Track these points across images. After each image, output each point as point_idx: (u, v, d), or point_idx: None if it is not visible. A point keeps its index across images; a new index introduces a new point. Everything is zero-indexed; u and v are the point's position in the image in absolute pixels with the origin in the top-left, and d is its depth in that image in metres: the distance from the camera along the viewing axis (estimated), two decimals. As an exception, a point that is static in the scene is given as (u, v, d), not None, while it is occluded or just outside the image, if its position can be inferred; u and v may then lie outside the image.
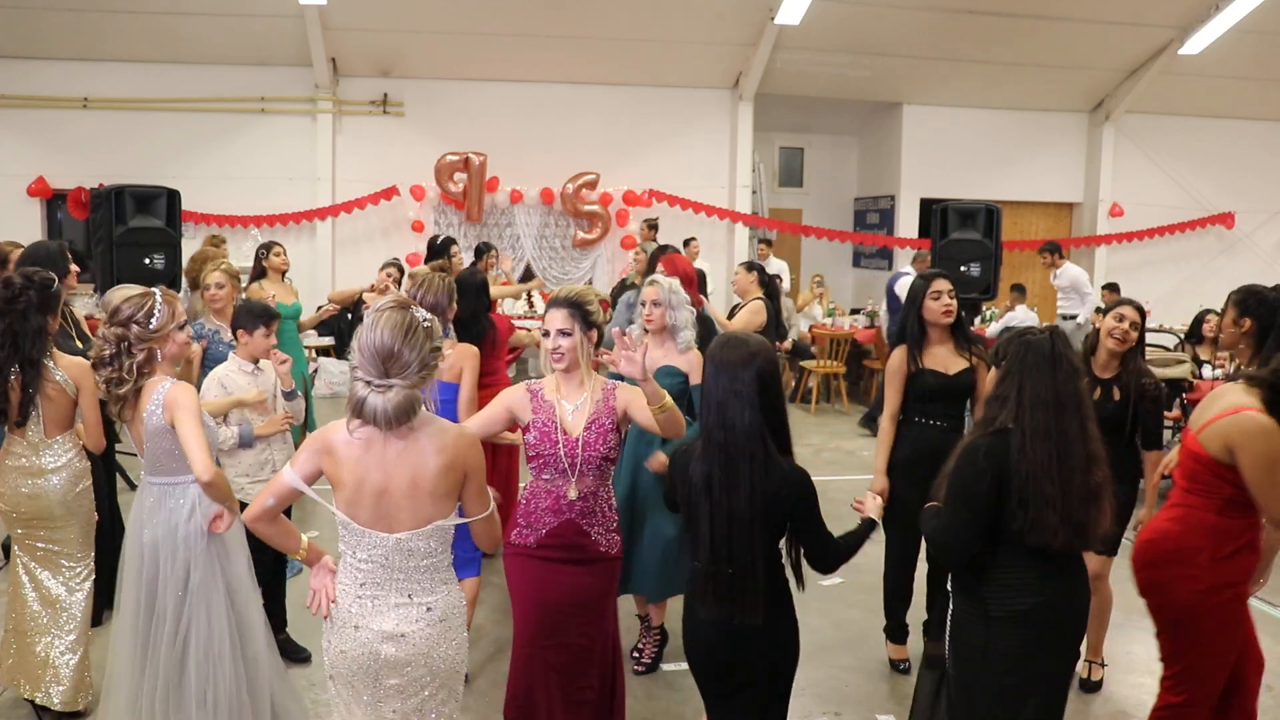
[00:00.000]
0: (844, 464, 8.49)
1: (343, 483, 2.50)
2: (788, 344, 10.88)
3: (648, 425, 3.19)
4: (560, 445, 3.15)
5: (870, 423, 9.61)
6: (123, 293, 3.26)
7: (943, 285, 4.33)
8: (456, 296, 4.51)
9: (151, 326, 3.18)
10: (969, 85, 13.27)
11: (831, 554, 2.82)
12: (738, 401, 2.67)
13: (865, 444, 9.18)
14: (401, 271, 7.26)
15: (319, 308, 10.71)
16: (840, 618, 4.96)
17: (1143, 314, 4.20)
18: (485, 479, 2.64)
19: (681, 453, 2.85)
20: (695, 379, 4.10)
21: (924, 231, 13.01)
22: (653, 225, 11.55)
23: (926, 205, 12.93)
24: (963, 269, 8.91)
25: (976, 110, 13.71)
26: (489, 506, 2.65)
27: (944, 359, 4.33)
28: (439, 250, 7.56)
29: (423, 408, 2.49)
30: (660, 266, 5.15)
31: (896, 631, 4.64)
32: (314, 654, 4.51)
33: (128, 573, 3.32)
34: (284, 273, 7.05)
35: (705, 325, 5.03)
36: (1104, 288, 11.63)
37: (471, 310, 5.06)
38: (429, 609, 2.55)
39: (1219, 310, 3.83)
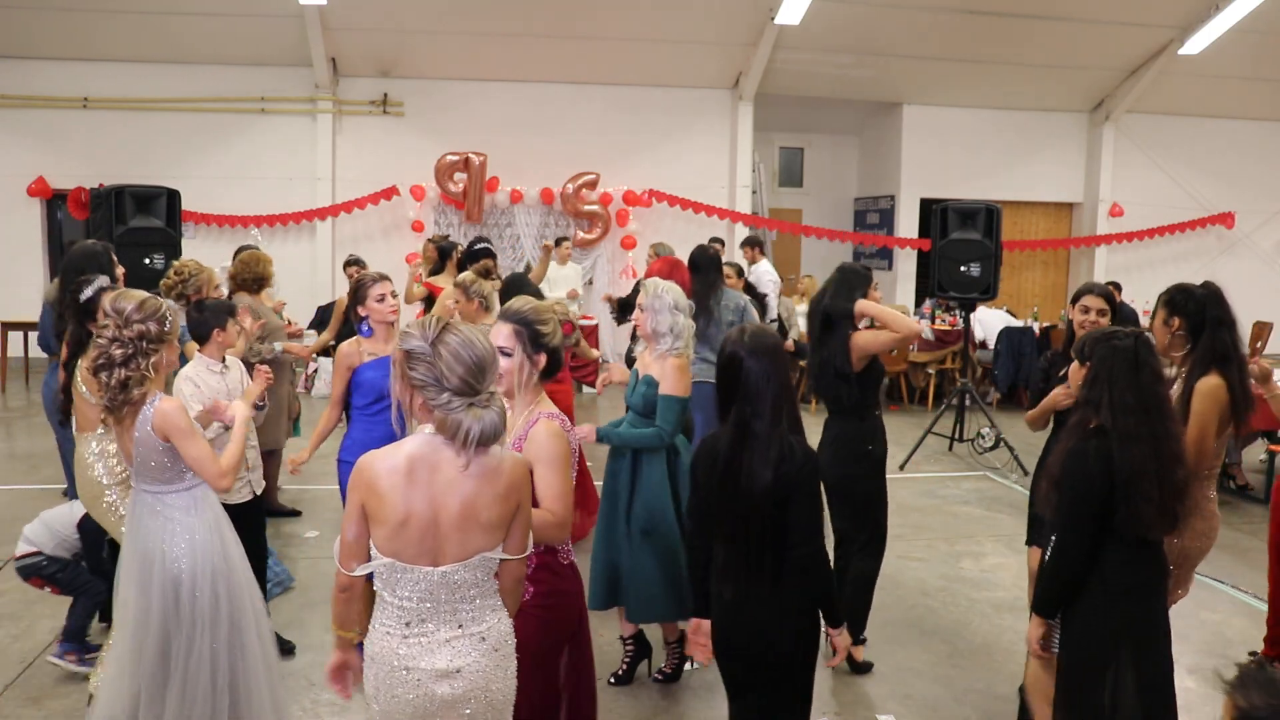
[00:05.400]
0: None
1: (384, 519, 2.27)
2: (789, 344, 10.87)
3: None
4: None
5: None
6: (133, 296, 3.22)
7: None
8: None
9: (166, 329, 3.19)
10: (969, 85, 13.27)
11: (811, 544, 2.78)
12: (756, 388, 2.77)
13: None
14: (362, 268, 7.30)
15: (318, 309, 10.74)
16: (841, 618, 4.95)
17: (1110, 300, 4.09)
18: (530, 515, 2.45)
19: (708, 442, 2.89)
20: (665, 387, 3.98)
21: (924, 231, 13.01)
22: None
23: (926, 205, 12.93)
24: (962, 269, 8.92)
25: (976, 110, 13.71)
26: (528, 550, 2.46)
27: None
28: (476, 255, 7.35)
29: None
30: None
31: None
32: (303, 650, 4.52)
33: (123, 584, 3.23)
34: None
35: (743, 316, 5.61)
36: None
37: None
38: (483, 638, 2.35)
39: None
